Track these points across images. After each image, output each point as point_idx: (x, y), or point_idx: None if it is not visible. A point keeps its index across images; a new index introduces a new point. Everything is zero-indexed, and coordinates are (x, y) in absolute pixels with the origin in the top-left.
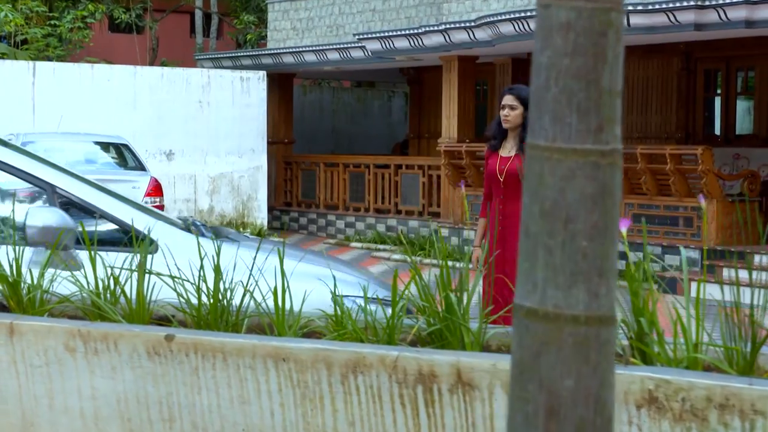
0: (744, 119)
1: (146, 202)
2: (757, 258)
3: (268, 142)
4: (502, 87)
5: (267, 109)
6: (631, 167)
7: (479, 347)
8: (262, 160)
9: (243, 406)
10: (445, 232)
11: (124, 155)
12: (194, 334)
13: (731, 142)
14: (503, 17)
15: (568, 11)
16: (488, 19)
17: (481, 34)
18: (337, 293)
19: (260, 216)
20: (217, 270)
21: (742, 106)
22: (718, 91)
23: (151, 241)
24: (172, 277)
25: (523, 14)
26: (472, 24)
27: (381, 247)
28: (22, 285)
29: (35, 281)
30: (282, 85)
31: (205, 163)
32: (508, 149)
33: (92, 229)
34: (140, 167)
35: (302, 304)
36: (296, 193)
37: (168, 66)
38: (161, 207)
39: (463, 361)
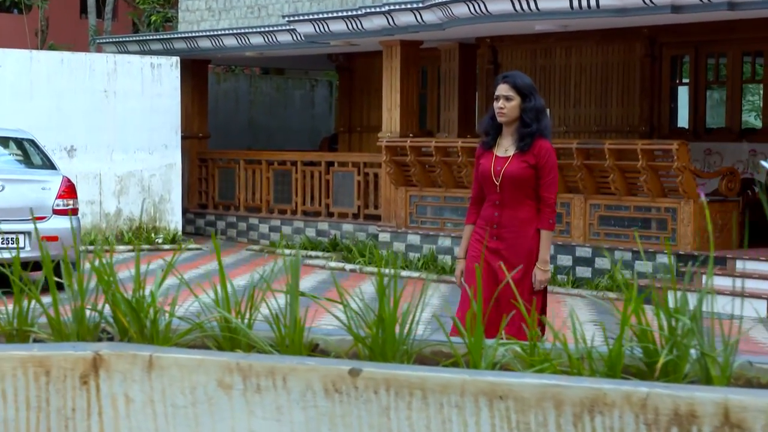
0: (714, 111)
1: (59, 206)
2: (739, 264)
3: (181, 137)
4: (447, 74)
5: (180, 100)
6: (597, 164)
7: (726, 381)
8: (176, 157)
9: None
10: (386, 236)
11: (27, 152)
12: (385, 368)
13: (701, 136)
14: None
15: None
16: (439, 0)
17: (430, 17)
18: None
19: (174, 220)
20: (395, 298)
21: (712, 97)
22: (686, 80)
23: None
24: (343, 304)
25: None
26: (420, 5)
27: (313, 254)
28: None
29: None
30: (196, 72)
31: (112, 160)
32: (504, 148)
33: None
34: (49, 165)
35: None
36: (213, 193)
37: (57, 50)
38: (75, 210)
39: (733, 399)
